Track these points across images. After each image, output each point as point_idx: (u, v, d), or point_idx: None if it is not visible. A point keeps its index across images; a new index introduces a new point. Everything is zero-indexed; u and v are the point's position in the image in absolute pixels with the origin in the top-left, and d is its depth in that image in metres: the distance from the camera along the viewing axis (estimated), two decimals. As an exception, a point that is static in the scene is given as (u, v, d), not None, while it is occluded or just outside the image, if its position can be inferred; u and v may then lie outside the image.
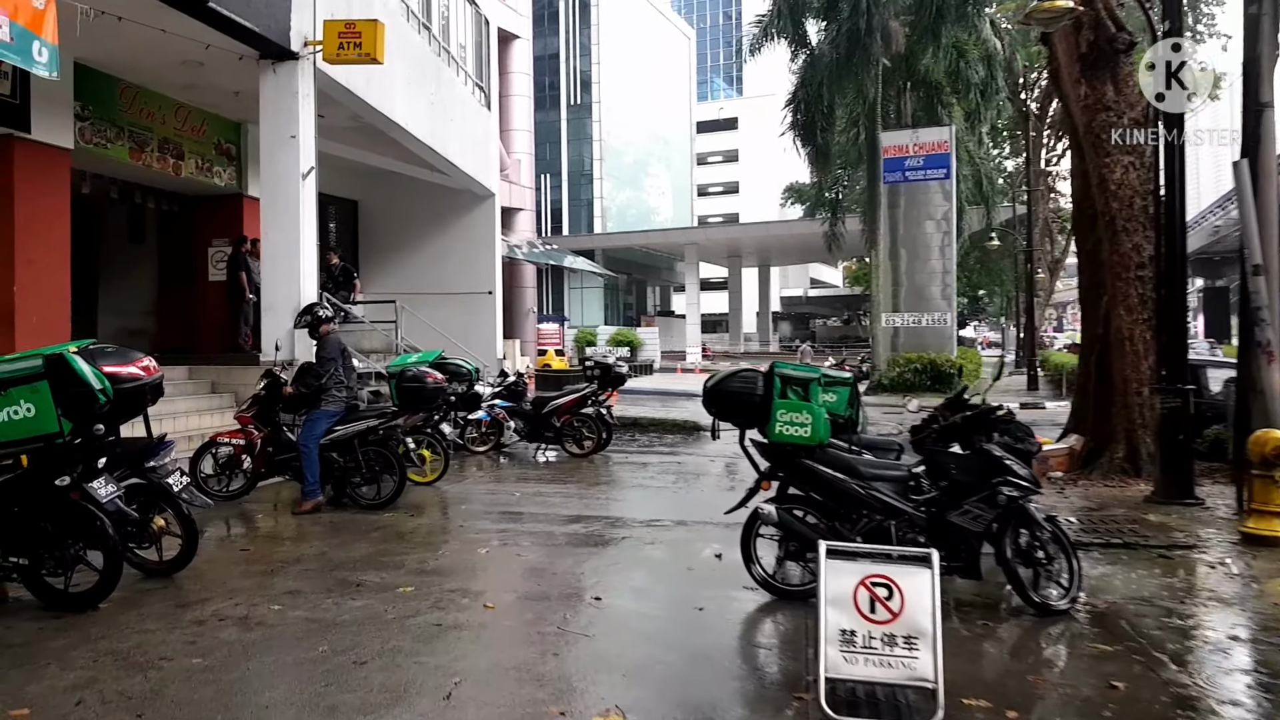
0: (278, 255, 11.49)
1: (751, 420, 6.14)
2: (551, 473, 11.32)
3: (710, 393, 6.29)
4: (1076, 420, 12.21)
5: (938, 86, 28.62)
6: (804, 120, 28.59)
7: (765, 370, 6.14)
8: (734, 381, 6.23)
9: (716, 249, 49.67)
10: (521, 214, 41.24)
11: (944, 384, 26.49)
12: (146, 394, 5.48)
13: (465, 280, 20.27)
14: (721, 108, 75.17)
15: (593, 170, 50.45)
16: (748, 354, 52.87)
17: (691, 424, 18.71)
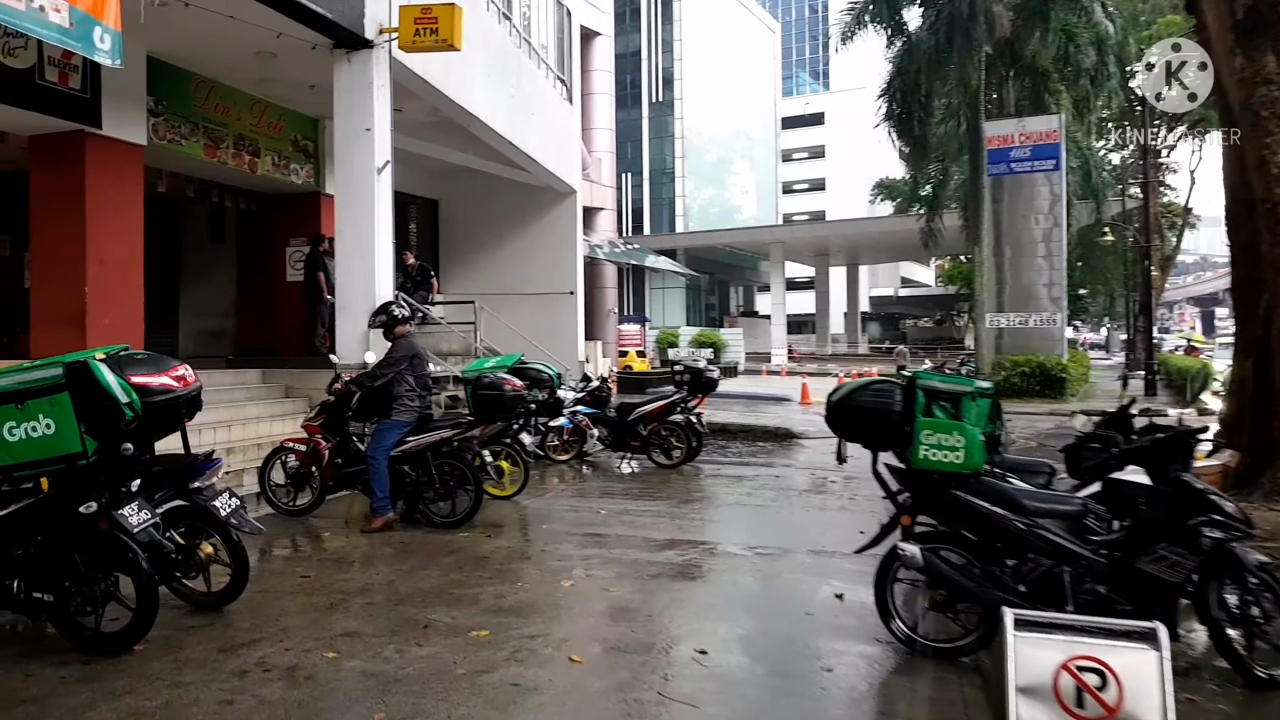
0: (352, 253, 10.94)
1: (887, 441, 5.25)
2: (638, 486, 10.51)
3: (836, 408, 5.39)
4: (1230, 433, 10.90)
5: (1044, 73, 27.06)
6: (900, 111, 27.33)
7: (904, 381, 5.23)
8: (865, 395, 5.33)
9: (802, 247, 48.37)
10: (602, 213, 40.68)
11: (1054, 389, 24.97)
12: (181, 407, 4.81)
13: (546, 280, 19.65)
14: (807, 103, 73.50)
15: (674, 168, 49.57)
16: (835, 356, 51.41)
17: (784, 431, 17.76)
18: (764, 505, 9.51)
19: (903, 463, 5.18)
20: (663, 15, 48.67)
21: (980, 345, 26.95)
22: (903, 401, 5.11)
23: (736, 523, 8.77)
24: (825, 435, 18.60)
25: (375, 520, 7.64)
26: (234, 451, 8.99)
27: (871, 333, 65.98)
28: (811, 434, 17.57)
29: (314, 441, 8.12)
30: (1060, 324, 26.57)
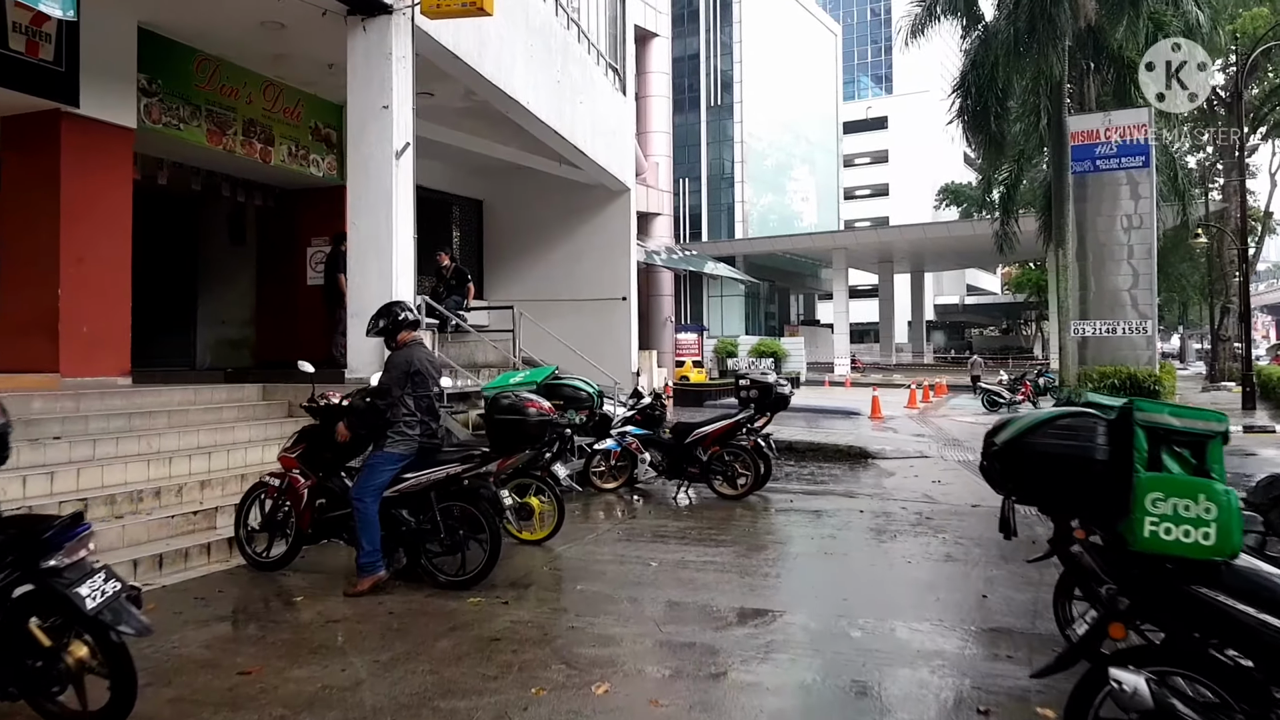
0: (366, 250, 9.30)
1: (1084, 505, 3.38)
2: (698, 524, 8.67)
3: (1004, 454, 3.54)
4: None
5: (1131, 65, 24.63)
6: (974, 107, 25.11)
7: (1111, 413, 3.37)
8: (1049, 435, 3.46)
9: (866, 254, 46.10)
10: (659, 219, 38.93)
11: (1145, 402, 22.56)
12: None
13: (598, 285, 17.94)
14: (869, 106, 70.82)
15: (733, 173, 47.61)
16: (900, 365, 48.98)
17: (858, 450, 15.80)
18: (852, 553, 7.60)
19: (1111, 540, 3.29)
20: (722, 17, 46.82)
21: (1065, 355, 24.58)
22: (1111, 445, 3.24)
23: (822, 581, 6.88)
24: (904, 455, 16.63)
25: (362, 581, 5.91)
26: (209, 485, 7.37)
27: (936, 342, 63.25)
28: (889, 454, 15.59)
29: (290, 477, 6.42)
30: (1151, 332, 24.11)
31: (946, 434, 19.07)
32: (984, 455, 3.75)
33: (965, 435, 18.84)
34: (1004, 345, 61.81)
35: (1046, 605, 5.98)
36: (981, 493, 11.65)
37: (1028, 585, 6.59)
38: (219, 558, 6.60)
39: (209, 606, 5.65)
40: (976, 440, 16.36)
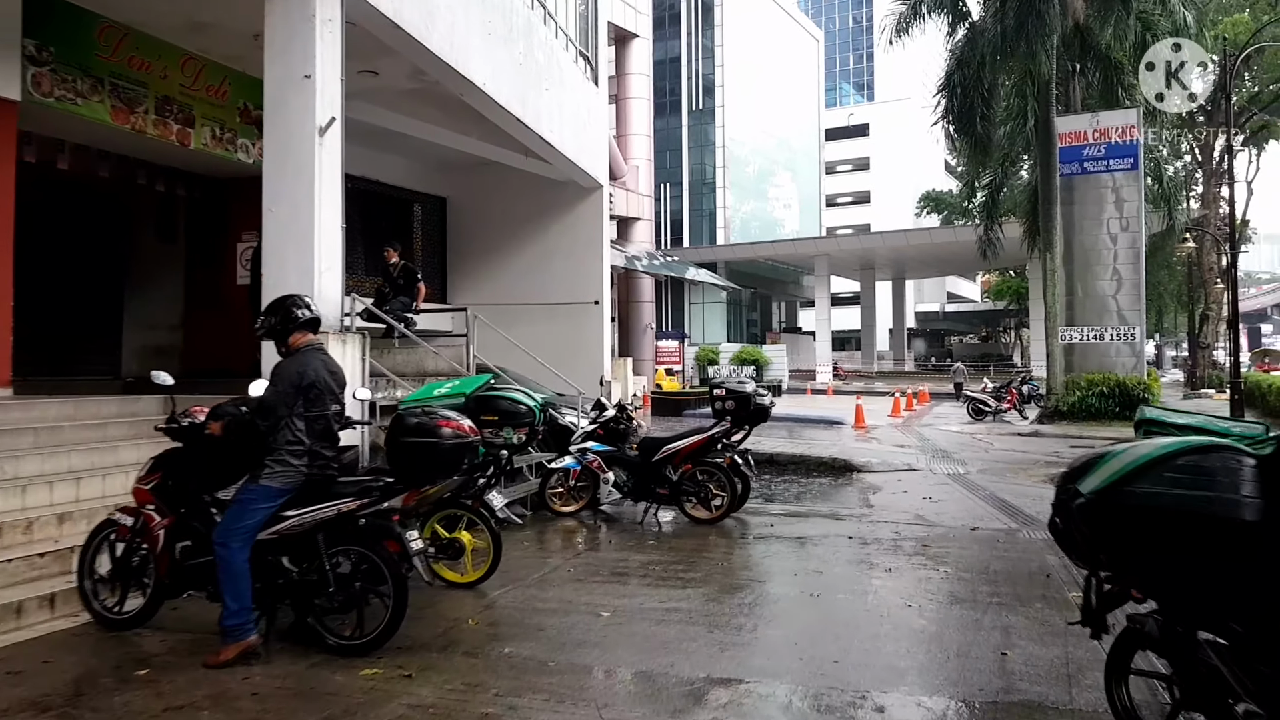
0: (284, 240, 7.96)
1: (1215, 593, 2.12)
2: (664, 557, 7.38)
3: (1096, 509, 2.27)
4: None
5: (1118, 66, 23.64)
6: (960, 107, 23.95)
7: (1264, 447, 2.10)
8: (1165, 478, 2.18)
9: (848, 261, 45.00)
10: (639, 224, 37.74)
11: (1134, 410, 21.44)
12: None
13: (569, 289, 16.65)
14: (851, 114, 69.70)
15: (715, 179, 46.40)
16: (882, 373, 47.90)
17: (843, 463, 14.58)
18: (842, 593, 6.32)
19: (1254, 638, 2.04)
20: (703, 20, 45.65)
21: (1052, 362, 23.47)
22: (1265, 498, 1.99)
23: (808, 634, 5.59)
24: (891, 468, 15.40)
25: (226, 648, 4.56)
26: (71, 519, 5.99)
27: (917, 349, 62.27)
28: (875, 466, 14.36)
29: (144, 514, 5.09)
30: (1139, 339, 23.08)
31: (933, 444, 17.87)
32: (1058, 510, 2.50)
33: (952, 446, 17.66)
34: (984, 353, 60.86)
35: (1081, 666, 4.78)
36: (977, 511, 10.45)
37: (1052, 636, 5.36)
38: (66, 612, 5.24)
39: (19, 685, 4.32)
40: (965, 451, 15.03)
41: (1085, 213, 23.21)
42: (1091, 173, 23.05)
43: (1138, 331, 22.97)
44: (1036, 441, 19.22)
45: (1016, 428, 21.76)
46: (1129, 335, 22.86)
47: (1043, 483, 13.15)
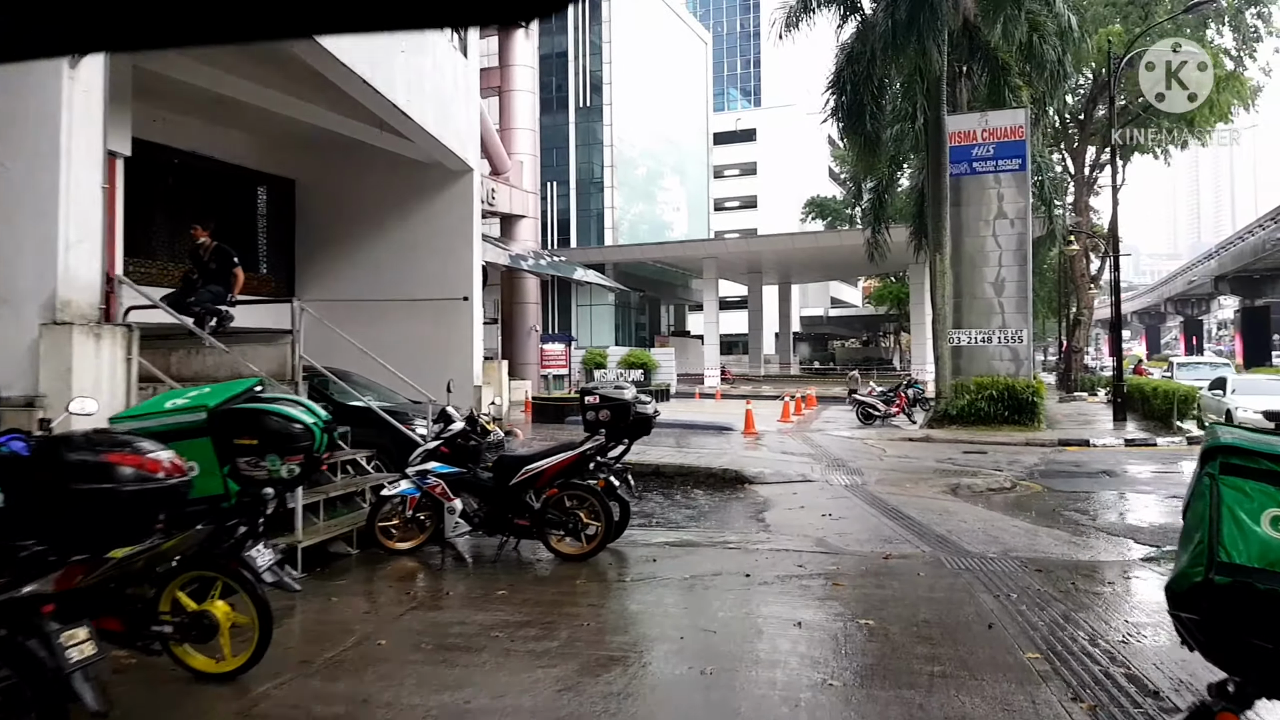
0: (20, 204, 5.99)
1: None
2: (516, 615, 5.68)
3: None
4: None
5: (1005, 67, 23.15)
6: (849, 104, 23.03)
7: None
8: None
9: (736, 264, 44.15)
10: (524, 221, 35.88)
11: (1024, 415, 20.87)
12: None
13: (435, 283, 14.83)
14: (739, 118, 69.27)
15: (603, 178, 44.85)
16: (768, 377, 47.27)
17: (734, 474, 13.22)
18: (744, 667, 4.77)
19: None
20: (591, 15, 44.07)
21: (940, 365, 22.79)
22: None
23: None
24: (785, 479, 14.03)
25: None
26: None
27: (802, 353, 62.17)
28: (769, 477, 13.02)
29: None
30: (1027, 341, 22.63)
31: (826, 451, 16.72)
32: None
33: (845, 453, 16.54)
34: (865, 357, 61.25)
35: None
36: (884, 532, 9.15)
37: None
38: None
39: None
40: (859, 459, 13.66)
41: (973, 214, 22.64)
42: (980, 173, 22.49)
43: (1025, 334, 22.50)
44: (929, 447, 18.34)
45: (906, 432, 20.92)
46: (1016, 337, 22.36)
47: (944, 494, 12.06)
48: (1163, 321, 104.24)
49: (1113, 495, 12.34)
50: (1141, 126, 37.65)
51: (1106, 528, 9.79)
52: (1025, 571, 7.08)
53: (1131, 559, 7.80)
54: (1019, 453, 17.41)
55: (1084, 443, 18.72)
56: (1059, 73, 22.64)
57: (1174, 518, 10.41)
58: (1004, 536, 9.05)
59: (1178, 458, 16.65)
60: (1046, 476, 14.09)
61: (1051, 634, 5.27)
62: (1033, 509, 11.13)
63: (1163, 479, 13.73)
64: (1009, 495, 12.28)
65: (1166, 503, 11.42)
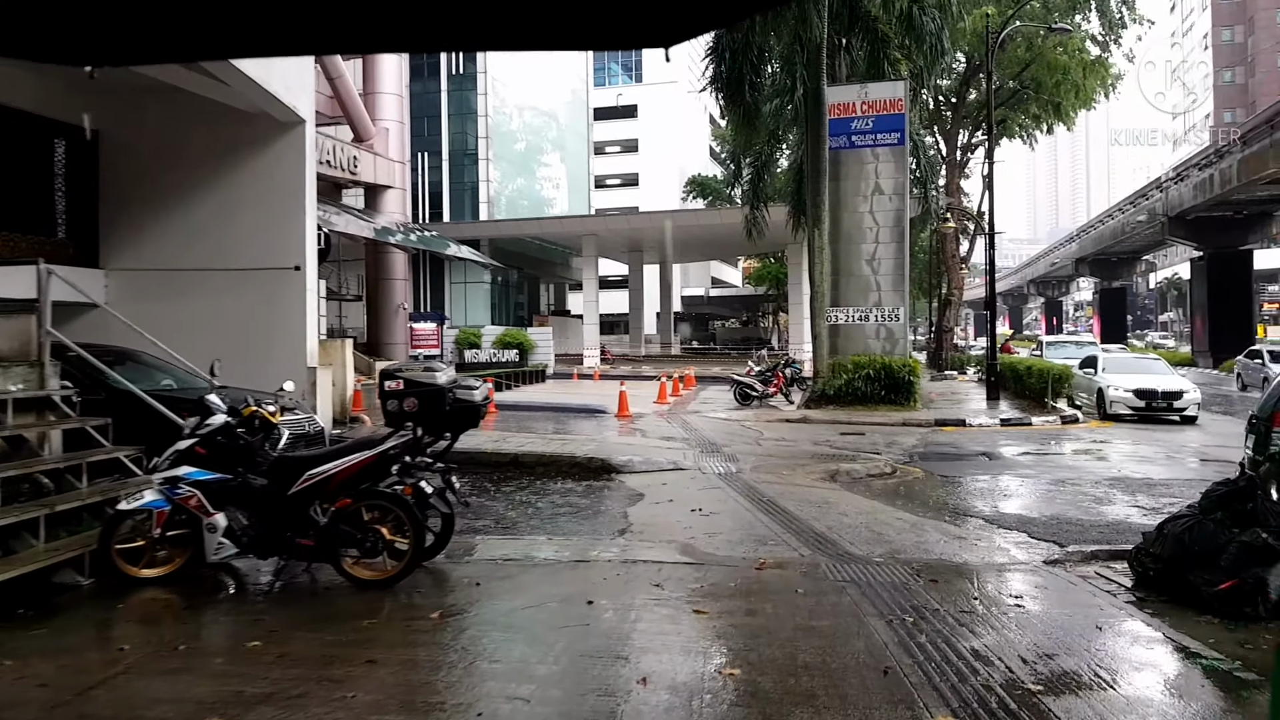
0: None
1: None
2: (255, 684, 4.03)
3: None
4: None
5: (885, 39, 22.47)
6: (728, 74, 21.93)
7: None
8: None
9: (616, 241, 42.83)
10: (390, 193, 33.65)
11: (900, 395, 20.31)
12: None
13: (261, 251, 12.97)
14: (620, 94, 67.49)
15: (478, 150, 42.58)
16: (649, 357, 46.29)
17: (599, 463, 11.97)
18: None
19: None
20: (462, -22, 41.48)
21: (818, 344, 22.04)
22: None
23: None
24: (655, 467, 12.64)
25: None
26: None
27: (683, 333, 61.46)
28: (638, 466, 11.78)
29: None
30: (903, 319, 22.08)
31: (701, 435, 15.60)
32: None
33: (721, 436, 15.46)
34: (745, 336, 61.10)
35: None
36: (759, 530, 8.00)
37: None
38: None
39: None
40: (735, 443, 12.20)
41: (851, 188, 21.91)
42: (859, 147, 21.75)
43: (901, 312, 21.94)
44: (806, 429, 17.49)
45: (784, 413, 20.07)
46: (893, 316, 21.78)
47: (823, 481, 11.06)
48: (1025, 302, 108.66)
49: (996, 480, 11.58)
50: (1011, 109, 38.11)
51: (996, 519, 8.91)
52: (917, 581, 5.99)
53: (1034, 562, 6.81)
54: (897, 433, 16.71)
55: (960, 423, 18.21)
56: (938, 46, 22.00)
57: (1063, 507, 9.66)
58: (888, 533, 8.03)
59: (1053, 437, 16.25)
60: (926, 459, 13.33)
61: (962, 680, 4.11)
62: (915, 497, 10.23)
63: (1043, 461, 13.12)
64: (889, 481, 11.38)
65: (1052, 489, 10.69)
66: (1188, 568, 5.50)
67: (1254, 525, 5.44)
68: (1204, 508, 5.74)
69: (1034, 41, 33.98)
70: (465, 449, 13.21)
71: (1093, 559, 6.77)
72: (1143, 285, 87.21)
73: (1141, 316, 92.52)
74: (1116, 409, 18.70)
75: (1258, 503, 5.55)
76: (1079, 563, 6.69)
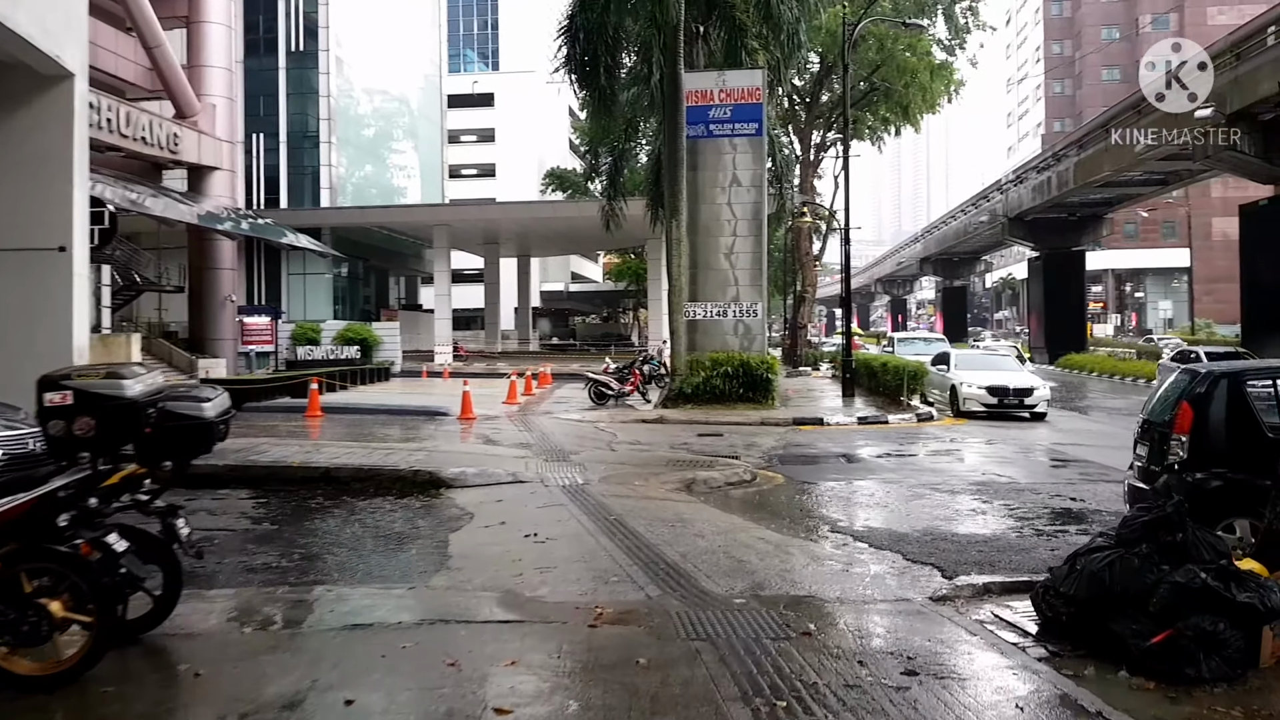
0: None
1: None
2: None
3: None
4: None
5: (743, 27, 21.59)
6: (583, 54, 20.53)
7: None
8: None
9: (471, 233, 40.75)
10: (217, 175, 30.62)
11: (759, 393, 19.44)
12: None
13: (12, 228, 10.65)
14: (476, 80, 64.70)
15: (319, 132, 39.42)
16: (506, 354, 44.46)
17: (426, 476, 10.35)
18: None
19: None
20: (302, -53, 38.34)
21: (676, 340, 20.96)
22: None
23: None
24: (492, 480, 10.79)
25: None
26: None
27: (542, 329, 59.76)
28: (472, 479, 10.22)
29: None
30: (762, 315, 21.26)
31: (549, 440, 14.14)
32: None
33: (572, 441, 14.06)
34: (605, 333, 59.91)
35: None
36: (600, 562, 6.65)
37: None
38: None
39: None
40: (586, 448, 9.35)
41: (709, 179, 20.92)
42: (717, 136, 20.78)
43: (760, 308, 21.11)
44: (663, 430, 16.34)
45: (641, 413, 18.89)
46: (750, 311, 20.91)
47: (678, 493, 9.82)
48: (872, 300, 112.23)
49: (860, 486, 10.66)
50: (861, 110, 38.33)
51: (867, 536, 7.86)
52: (788, 633, 4.80)
53: (918, 600, 5.69)
54: (755, 434, 15.76)
55: (819, 421, 17.48)
56: (795, 38, 21.21)
57: (935, 519, 8.70)
58: (750, 559, 6.83)
59: (911, 437, 15.65)
60: (786, 463, 12.35)
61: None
62: (777, 509, 9.14)
63: (905, 464, 12.35)
64: (749, 490, 10.27)
65: (919, 496, 9.80)
66: (1110, 613, 4.45)
67: (1186, 560, 4.44)
68: (1123, 538, 4.71)
69: (885, 43, 34.11)
70: (268, 462, 11.30)
71: (985, 594, 5.72)
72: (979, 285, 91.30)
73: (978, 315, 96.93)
74: (970, 406, 18.40)
75: (1188, 532, 4.54)
76: (971, 599, 5.63)
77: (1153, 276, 71.06)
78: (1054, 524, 8.40)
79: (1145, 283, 72.19)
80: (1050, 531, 8.07)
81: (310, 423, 16.42)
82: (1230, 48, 24.19)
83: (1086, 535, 7.95)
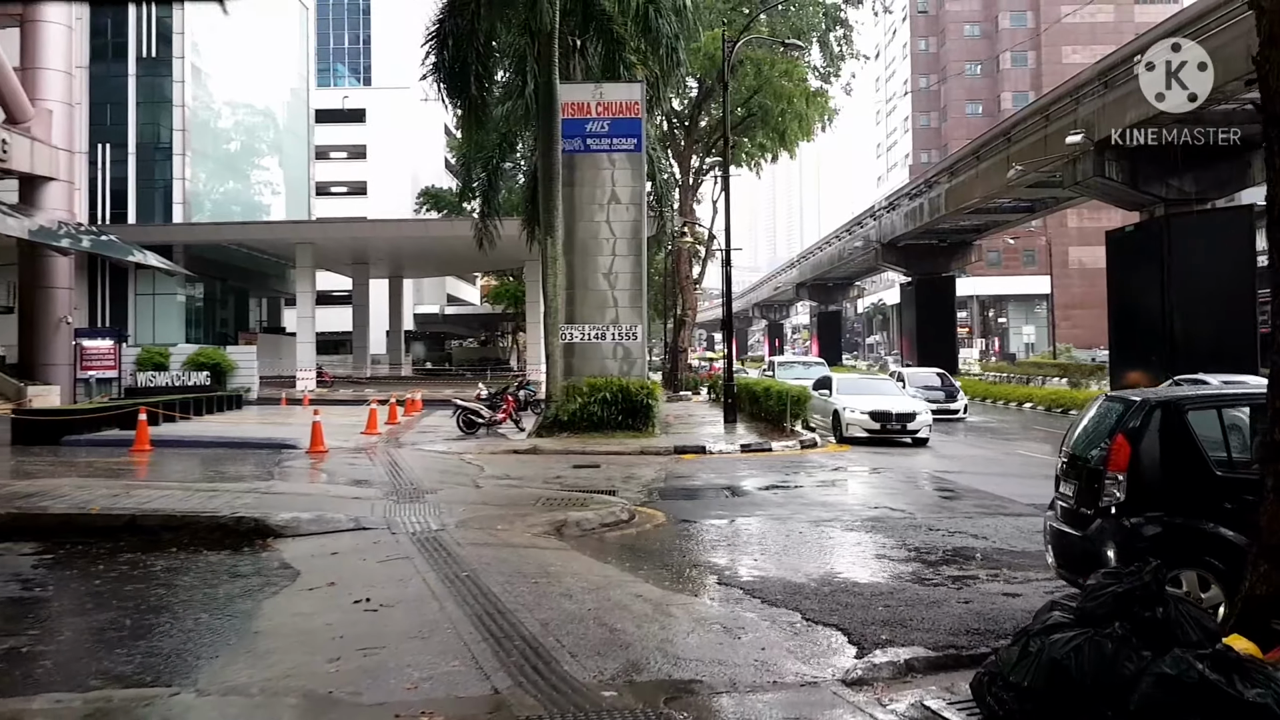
0: None
1: None
2: None
3: None
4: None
5: (620, 40, 20.70)
6: (452, 61, 19.14)
7: None
8: None
9: (338, 252, 38.44)
10: (53, 185, 27.71)
11: (639, 420, 18.34)
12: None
13: None
14: (346, 96, 61.79)
15: (173, 143, 36.37)
16: (375, 379, 42.08)
17: (251, 523, 8.75)
18: None
19: None
20: (152, -54, 35.50)
21: (552, 365, 19.72)
22: None
23: None
24: (330, 528, 8.80)
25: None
26: None
27: (416, 353, 57.26)
28: (306, 526, 8.68)
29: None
30: (642, 338, 20.23)
31: (406, 476, 12.60)
32: None
33: (433, 476, 12.55)
34: (483, 357, 57.95)
35: None
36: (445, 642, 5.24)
37: None
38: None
39: None
40: (448, 484, 7.86)
41: (587, 195, 19.83)
42: (595, 150, 19.74)
43: (639, 330, 20.07)
44: (536, 462, 15.06)
45: (513, 442, 17.55)
46: (630, 334, 19.85)
47: (546, 537, 8.56)
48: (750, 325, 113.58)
49: (747, 525, 9.65)
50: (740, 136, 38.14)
51: (759, 588, 6.79)
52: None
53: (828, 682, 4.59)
54: (635, 464, 14.65)
55: (701, 450, 16.51)
56: (675, 54, 20.36)
57: (831, 567, 7.65)
58: (625, 626, 5.66)
59: (797, 466, 14.80)
60: (668, 497, 11.27)
61: None
62: (658, 556, 8.00)
63: (793, 498, 11.41)
64: (627, 533, 9.09)
65: (811, 537, 8.83)
66: (1077, 712, 3.41)
67: (1171, 643, 3.46)
68: (1088, 613, 3.72)
69: (762, 68, 33.95)
70: (63, 510, 9.41)
71: (909, 673, 4.67)
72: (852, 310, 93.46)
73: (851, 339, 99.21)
74: (853, 431, 17.79)
75: (1169, 607, 3.57)
76: (892, 681, 4.56)
77: (1015, 302, 74.01)
78: (961, 569, 7.51)
79: (1008, 308, 75.14)
80: (960, 578, 7.16)
81: (135, 459, 14.37)
82: (1099, 75, 24.74)
83: (998, 581, 7.15)
